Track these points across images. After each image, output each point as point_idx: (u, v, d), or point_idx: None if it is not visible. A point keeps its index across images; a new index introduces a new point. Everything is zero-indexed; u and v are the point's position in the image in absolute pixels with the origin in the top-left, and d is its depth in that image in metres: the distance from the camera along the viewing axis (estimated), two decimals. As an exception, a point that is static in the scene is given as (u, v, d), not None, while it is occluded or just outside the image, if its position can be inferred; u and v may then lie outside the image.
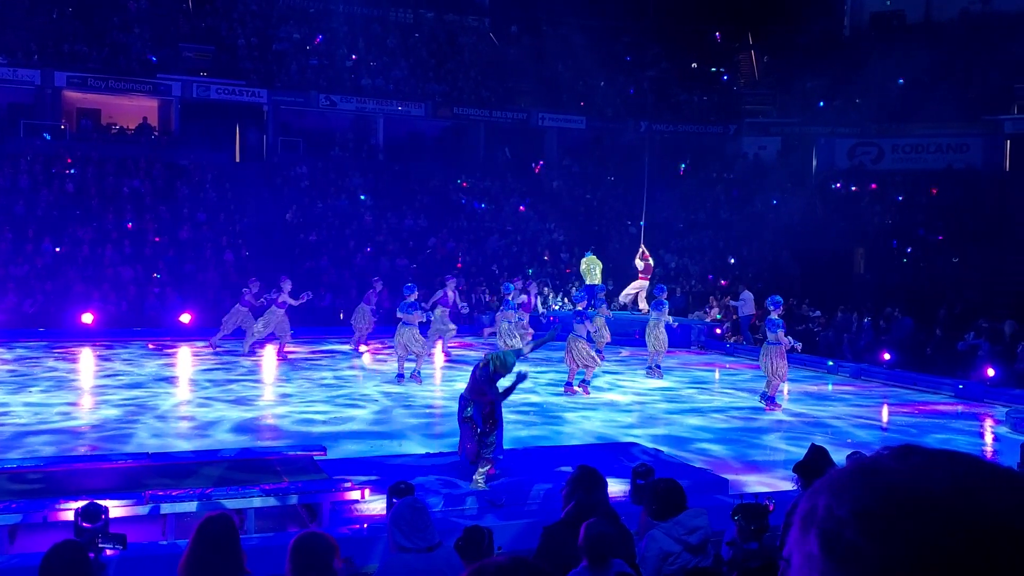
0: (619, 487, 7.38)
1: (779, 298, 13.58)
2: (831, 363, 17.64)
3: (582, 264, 21.25)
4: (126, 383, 14.06)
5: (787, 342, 13.18)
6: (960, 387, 15.05)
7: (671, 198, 27.54)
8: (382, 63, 31.65)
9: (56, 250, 22.20)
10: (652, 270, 21.73)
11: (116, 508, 6.24)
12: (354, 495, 7.32)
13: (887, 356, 17.07)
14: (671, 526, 4.72)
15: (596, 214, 29.29)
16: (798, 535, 0.81)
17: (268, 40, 30.97)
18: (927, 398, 14.79)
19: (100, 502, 5.73)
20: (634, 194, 23.99)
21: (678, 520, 4.73)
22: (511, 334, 16.48)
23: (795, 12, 32.81)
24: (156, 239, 23.41)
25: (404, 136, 31.54)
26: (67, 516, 6.16)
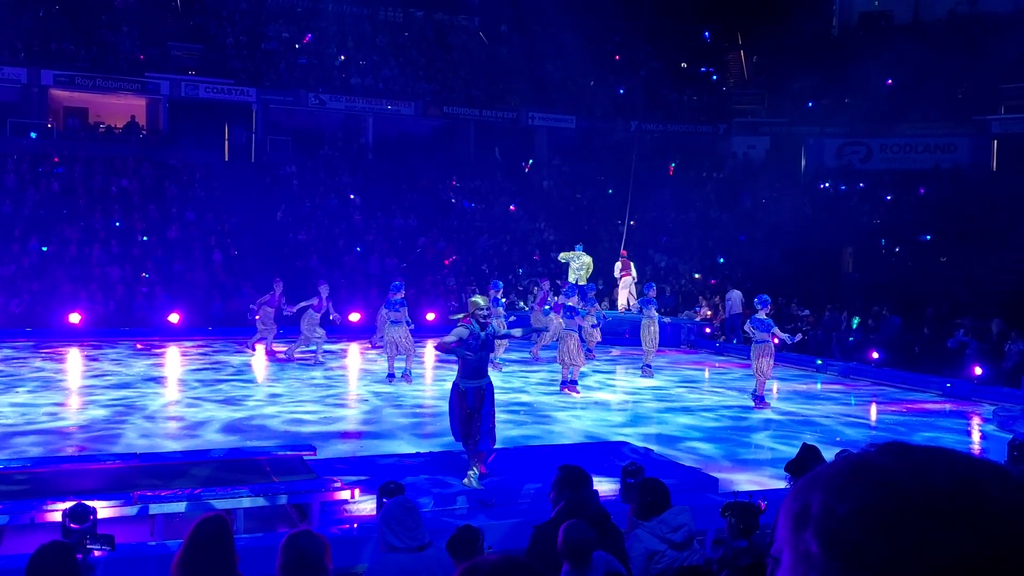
0: (609, 486, 7.39)
1: (767, 297, 13.61)
2: (820, 362, 17.72)
3: (567, 255, 20.98)
4: (114, 383, 13.99)
5: (784, 338, 13.25)
6: (948, 385, 15.13)
7: (661, 197, 27.59)
8: (372, 62, 31.59)
9: (43, 249, 22.06)
10: (629, 268, 21.91)
11: (104, 509, 6.21)
12: (344, 495, 7.30)
13: (875, 355, 17.15)
14: (655, 525, 4.73)
15: (586, 213, 29.31)
16: (790, 534, 0.80)
17: (257, 39, 30.87)
18: (915, 396, 14.86)
19: (88, 503, 5.70)
20: (624, 194, 24.03)
21: (662, 519, 4.74)
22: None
23: (784, 12, 32.88)
24: (144, 238, 23.30)
25: (394, 135, 31.46)
26: (54, 517, 6.13)
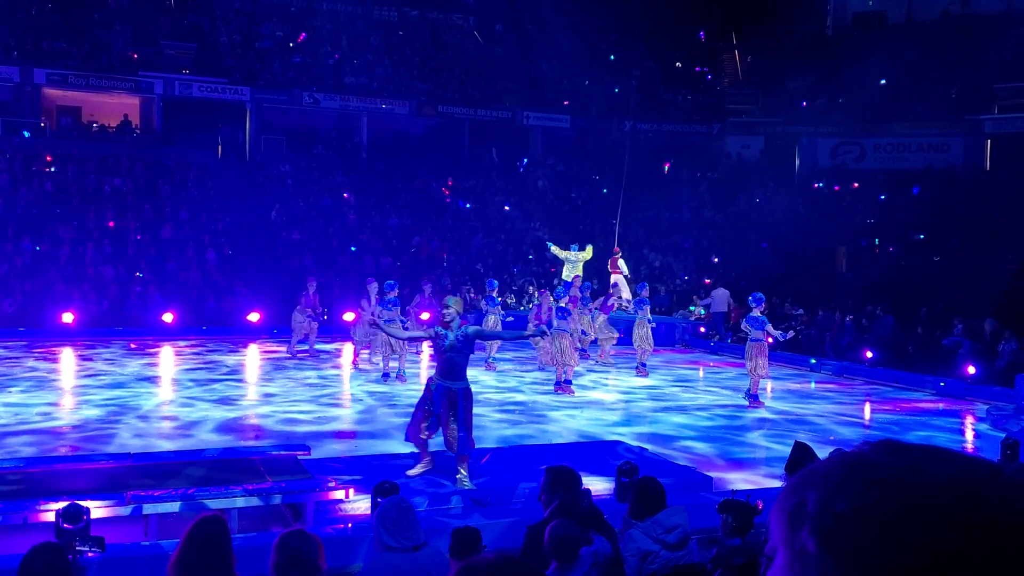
0: (604, 485, 7.39)
1: (761, 295, 13.62)
2: (814, 361, 17.75)
3: (561, 252, 21.09)
4: (108, 383, 13.95)
5: (776, 335, 13.26)
6: (941, 384, 15.18)
7: (655, 197, 27.61)
8: (366, 61, 31.55)
9: (36, 249, 21.98)
10: (616, 265, 22.01)
11: (98, 509, 6.18)
12: (338, 495, 7.29)
13: (869, 354, 17.19)
14: (649, 525, 4.72)
15: (581, 213, 29.33)
16: (785, 531, 0.80)
17: (251, 38, 30.81)
18: (909, 395, 14.90)
19: (81, 503, 5.69)
20: (619, 193, 24.07)
21: (656, 519, 4.73)
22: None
23: (778, 12, 32.97)
24: (138, 238, 23.23)
25: (388, 134, 31.43)
26: (48, 517, 6.10)
